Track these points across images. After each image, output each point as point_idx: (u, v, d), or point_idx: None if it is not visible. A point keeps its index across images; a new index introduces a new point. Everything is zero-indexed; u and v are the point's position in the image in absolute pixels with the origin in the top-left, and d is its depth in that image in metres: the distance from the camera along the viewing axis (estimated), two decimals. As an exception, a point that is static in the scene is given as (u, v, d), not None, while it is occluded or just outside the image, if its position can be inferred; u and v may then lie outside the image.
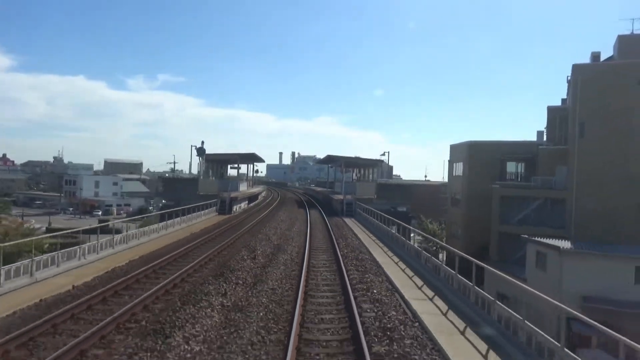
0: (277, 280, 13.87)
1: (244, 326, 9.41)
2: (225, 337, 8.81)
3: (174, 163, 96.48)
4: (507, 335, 9.85)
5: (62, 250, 15.15)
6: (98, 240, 17.64)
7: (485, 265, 13.33)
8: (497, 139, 51.79)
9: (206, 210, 32.47)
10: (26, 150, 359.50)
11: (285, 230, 26.57)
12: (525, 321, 9.42)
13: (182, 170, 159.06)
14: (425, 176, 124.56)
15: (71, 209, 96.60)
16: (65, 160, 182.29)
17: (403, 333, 9.52)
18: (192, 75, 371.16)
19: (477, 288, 12.33)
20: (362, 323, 9.85)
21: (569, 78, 37.97)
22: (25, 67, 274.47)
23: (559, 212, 35.56)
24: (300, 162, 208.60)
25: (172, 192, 45.49)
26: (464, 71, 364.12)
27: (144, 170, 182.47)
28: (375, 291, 12.88)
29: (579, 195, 34.07)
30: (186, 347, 8.11)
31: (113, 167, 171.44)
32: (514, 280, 11.61)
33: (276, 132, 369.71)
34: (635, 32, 36.43)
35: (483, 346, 9.11)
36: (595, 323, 7.99)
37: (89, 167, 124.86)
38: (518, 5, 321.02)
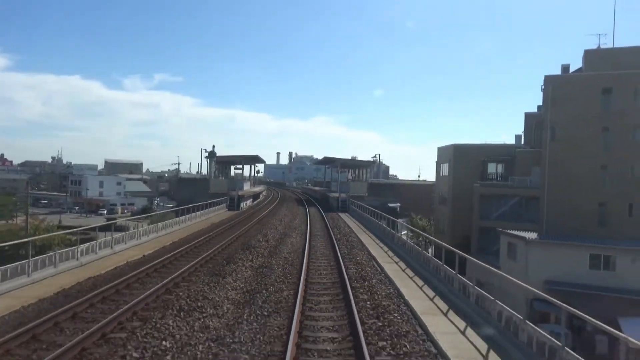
0: (287, 253, 18.28)
1: (269, 274, 14.34)
2: (258, 278, 13.40)
3: (178, 164, 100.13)
4: (450, 289, 13.70)
5: (117, 235, 19.09)
6: (137, 228, 21.53)
7: (453, 249, 17.27)
8: (482, 142, 55.82)
9: (218, 207, 36.50)
10: (23, 150, 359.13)
11: (288, 222, 30.64)
12: (475, 286, 12.25)
13: (186, 171, 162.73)
14: (419, 176, 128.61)
15: (77, 208, 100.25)
16: (64, 161, 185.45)
17: (373, 277, 14.61)
18: (190, 75, 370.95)
19: (431, 256, 16.33)
20: (347, 274, 14.57)
21: (542, 87, 42.11)
22: (20, 66, 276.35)
23: (533, 208, 39.57)
24: (298, 162, 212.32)
25: (186, 190, 49.48)
26: (461, 71, 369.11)
27: (144, 170, 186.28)
28: (358, 259, 17.46)
29: (550, 194, 38.10)
30: (234, 283, 12.49)
31: (113, 167, 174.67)
32: (482, 264, 13.11)
33: (274, 132, 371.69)
34: (601, 46, 40.58)
35: (419, 282, 13.64)
36: (553, 299, 9.11)
37: (93, 168, 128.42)
38: (516, 6, 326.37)
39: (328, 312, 10.68)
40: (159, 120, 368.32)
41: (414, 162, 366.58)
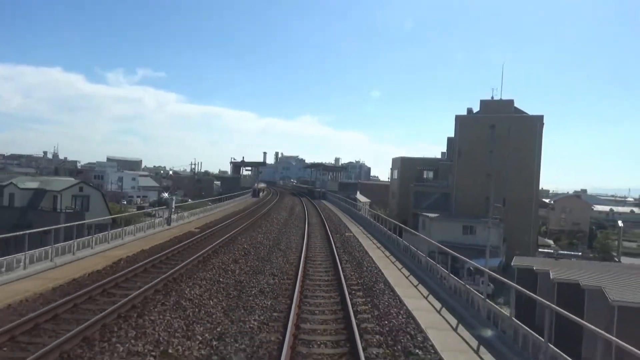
0: (297, 212, 38.99)
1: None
2: (288, 220, 33.88)
3: (195, 165, 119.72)
4: (396, 247, 34.44)
5: (185, 212, 39.32)
6: (194, 209, 41.92)
7: (392, 220, 38.11)
8: (422, 156, 77.41)
9: (246, 195, 57.07)
10: (2, 144, 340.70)
11: (292, 203, 51.55)
12: (410, 246, 33.33)
13: (184, 170, 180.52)
14: (389, 177, 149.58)
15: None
16: (49, 155, 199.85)
17: (340, 222, 35.09)
18: (173, 71, 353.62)
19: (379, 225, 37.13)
20: (325, 221, 34.80)
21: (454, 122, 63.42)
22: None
23: (447, 201, 60.93)
24: (284, 162, 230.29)
25: (225, 184, 70.11)
26: (446, 73, 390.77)
27: (141, 167, 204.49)
28: (334, 219, 37.86)
29: (457, 191, 59.50)
30: (278, 219, 33.27)
31: (102, 164, 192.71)
32: (409, 229, 36.31)
33: (258, 130, 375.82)
34: (493, 97, 62.09)
35: (383, 249, 34.09)
36: (444, 248, 18.82)
37: (112, 165, 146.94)
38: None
39: (319, 229, 31.06)
40: (141, 116, 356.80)
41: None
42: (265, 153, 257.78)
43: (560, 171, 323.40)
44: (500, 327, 10.36)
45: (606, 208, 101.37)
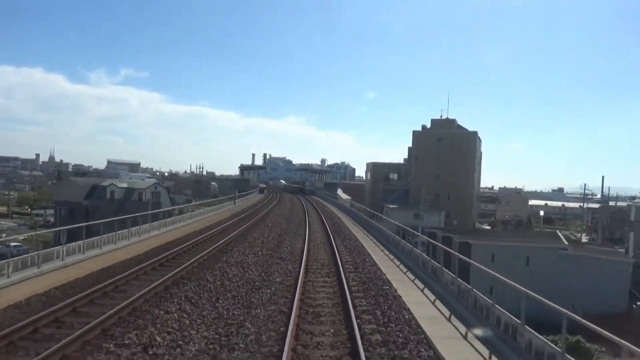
0: (296, 204, 57.43)
1: (295, 207, 52.77)
2: (290, 210, 52.34)
3: (202, 168, 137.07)
4: (377, 232, 52.85)
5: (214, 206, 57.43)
6: (214, 204, 60.11)
7: (373, 211, 56.56)
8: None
9: (254, 192, 75.19)
10: None
11: (291, 198, 69.99)
12: (383, 227, 51.26)
13: (178, 172, 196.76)
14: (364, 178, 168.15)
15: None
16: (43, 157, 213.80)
17: (330, 211, 53.66)
18: (156, 71, 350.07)
19: (371, 219, 55.57)
20: (317, 207, 53.39)
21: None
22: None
23: (407, 196, 79.77)
24: (272, 163, 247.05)
25: (238, 184, 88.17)
26: (427, 75, 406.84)
27: (142, 168, 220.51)
28: (327, 209, 56.28)
29: (414, 189, 78.35)
30: (283, 209, 51.90)
31: (114, 166, 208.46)
32: (381, 215, 54.73)
33: (243, 130, 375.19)
34: (442, 116, 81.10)
35: (364, 232, 52.66)
36: (404, 226, 40.26)
37: (124, 168, 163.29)
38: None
39: (316, 214, 49.15)
40: (125, 116, 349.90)
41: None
42: (253, 155, 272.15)
43: (538, 171, 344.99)
44: (421, 260, 28.58)
45: (542, 202, 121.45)
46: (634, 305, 33.29)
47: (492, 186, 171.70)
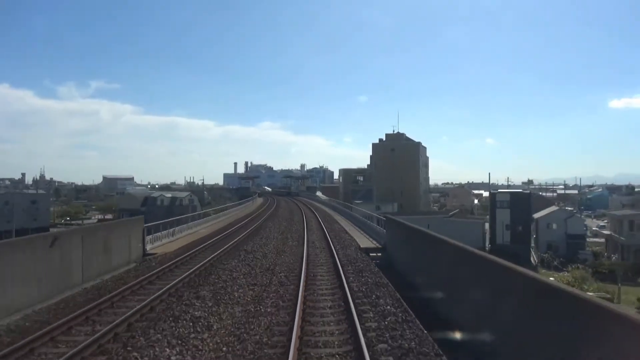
0: (290, 203, 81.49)
1: (292, 207, 76.81)
2: (289, 207, 76.53)
3: (203, 180, 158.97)
4: (352, 217, 77.04)
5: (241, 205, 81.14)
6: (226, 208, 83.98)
7: (350, 204, 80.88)
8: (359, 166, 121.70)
9: (256, 196, 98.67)
10: None
11: (284, 199, 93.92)
12: (354, 214, 75.20)
13: (174, 182, 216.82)
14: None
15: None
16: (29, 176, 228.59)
17: (316, 206, 78.08)
18: (127, 82, 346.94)
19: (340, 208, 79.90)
20: (310, 206, 77.77)
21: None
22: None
23: (371, 194, 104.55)
24: (254, 170, 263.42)
25: (241, 191, 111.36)
26: (401, 77, 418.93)
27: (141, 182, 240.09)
28: (316, 203, 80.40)
29: (377, 189, 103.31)
30: (285, 207, 76.26)
31: (111, 181, 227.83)
32: (354, 206, 79.08)
33: (218, 138, 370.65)
34: (394, 131, 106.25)
35: (340, 216, 77.08)
36: (371, 213, 74.53)
37: (130, 182, 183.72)
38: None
39: (301, 205, 73.07)
40: (98, 130, 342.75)
41: (359, 164, 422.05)
42: (235, 163, 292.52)
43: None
44: (368, 225, 52.79)
45: (485, 194, 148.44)
46: (485, 248, 58.69)
47: (468, 181, 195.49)
